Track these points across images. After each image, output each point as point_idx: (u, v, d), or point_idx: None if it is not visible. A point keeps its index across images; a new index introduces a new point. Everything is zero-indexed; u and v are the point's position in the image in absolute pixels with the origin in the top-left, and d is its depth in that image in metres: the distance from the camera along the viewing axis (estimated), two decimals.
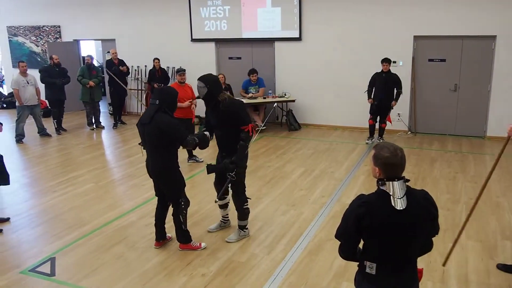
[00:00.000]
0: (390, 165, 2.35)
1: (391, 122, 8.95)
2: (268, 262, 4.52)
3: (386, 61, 8.55)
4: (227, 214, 5.28)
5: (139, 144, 4.75)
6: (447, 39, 9.18)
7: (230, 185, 4.79)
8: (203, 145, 4.64)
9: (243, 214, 4.94)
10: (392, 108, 8.76)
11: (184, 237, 4.76)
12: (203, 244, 4.84)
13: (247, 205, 4.96)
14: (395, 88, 8.60)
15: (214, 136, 4.88)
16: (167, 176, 4.53)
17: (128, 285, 4.17)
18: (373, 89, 8.76)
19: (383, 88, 8.60)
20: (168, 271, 4.38)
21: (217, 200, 4.85)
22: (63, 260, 4.65)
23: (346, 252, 2.55)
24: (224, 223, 5.30)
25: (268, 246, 4.85)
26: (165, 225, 4.90)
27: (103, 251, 4.80)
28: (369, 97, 8.83)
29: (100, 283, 4.21)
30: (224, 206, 5.19)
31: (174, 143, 4.44)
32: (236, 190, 4.82)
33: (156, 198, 4.86)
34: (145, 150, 4.65)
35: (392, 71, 8.63)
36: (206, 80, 4.57)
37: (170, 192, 4.62)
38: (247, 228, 5.07)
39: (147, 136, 4.43)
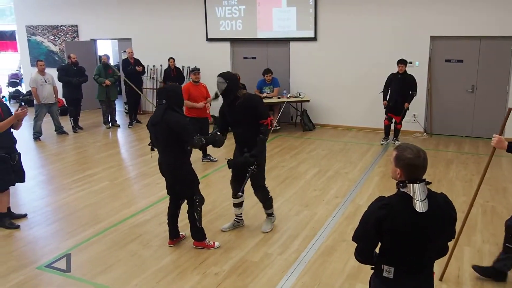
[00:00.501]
0: (412, 166, 2.32)
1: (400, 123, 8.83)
2: (281, 262, 4.51)
3: (402, 62, 8.47)
4: (241, 214, 5.30)
5: (149, 145, 4.81)
6: (465, 39, 9.06)
7: (249, 182, 4.88)
8: (215, 145, 4.68)
9: (269, 203, 5.14)
10: (408, 109, 8.66)
11: (198, 234, 4.78)
12: (217, 244, 4.85)
13: (270, 194, 5.12)
14: (410, 90, 8.51)
15: (225, 135, 4.93)
16: (180, 174, 4.56)
17: (142, 283, 4.20)
18: (389, 90, 8.69)
19: (399, 90, 8.52)
20: (181, 270, 4.41)
21: (240, 194, 4.90)
22: (78, 256, 4.70)
23: (364, 255, 2.50)
24: (238, 223, 5.31)
25: (281, 246, 4.85)
26: (178, 224, 4.93)
27: (117, 249, 4.84)
28: (384, 98, 8.76)
29: (114, 280, 4.25)
30: (239, 205, 5.20)
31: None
32: (258, 183, 4.91)
33: (169, 197, 4.89)
34: (154, 151, 4.72)
35: (408, 72, 8.55)
36: (226, 76, 4.71)
37: (184, 189, 4.65)
38: (273, 214, 5.28)
39: (159, 136, 4.47)
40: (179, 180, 4.61)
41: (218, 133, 4.86)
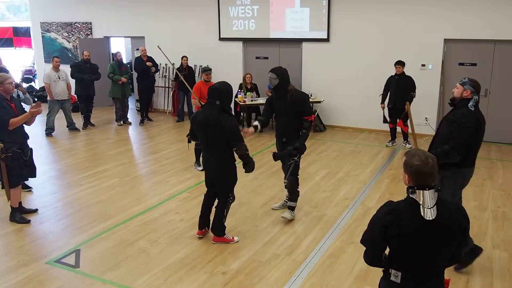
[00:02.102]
0: (420, 173, 2.30)
1: (402, 127, 8.73)
2: (289, 263, 4.51)
3: (399, 63, 8.43)
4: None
5: (187, 136, 5.12)
6: (479, 43, 8.97)
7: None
8: (247, 167, 4.73)
9: (295, 195, 5.35)
10: (406, 110, 8.56)
11: (220, 229, 4.89)
12: (236, 238, 4.95)
13: (299, 187, 5.38)
14: (409, 91, 8.39)
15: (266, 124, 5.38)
16: (227, 174, 4.73)
17: (150, 280, 4.22)
18: (388, 93, 8.65)
19: (396, 92, 8.46)
20: (189, 268, 4.42)
21: (285, 181, 5.36)
22: (88, 252, 4.74)
23: (371, 259, 2.51)
24: (286, 203, 5.57)
25: (289, 246, 4.84)
26: (210, 216, 5.05)
27: (126, 245, 4.87)
28: (382, 101, 8.72)
29: (122, 277, 4.27)
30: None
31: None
32: (293, 171, 5.21)
33: (206, 189, 5.00)
34: (190, 143, 5.10)
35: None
36: (278, 72, 5.11)
37: (224, 187, 4.80)
38: (294, 211, 5.46)
39: (211, 135, 4.52)
40: (222, 176, 4.74)
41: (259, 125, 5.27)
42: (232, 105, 5.22)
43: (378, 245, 2.41)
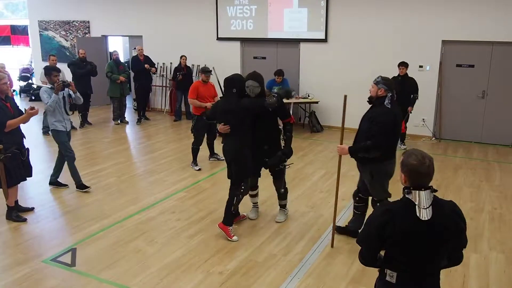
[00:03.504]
0: (416, 173, 2.31)
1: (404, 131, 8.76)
2: (286, 263, 4.51)
3: (402, 64, 8.42)
4: (257, 202, 5.69)
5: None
6: (477, 44, 8.99)
7: (270, 170, 5.24)
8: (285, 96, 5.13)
9: (285, 194, 5.41)
10: (410, 113, 8.59)
11: (228, 218, 4.97)
12: (235, 238, 4.97)
13: (286, 185, 5.41)
14: (411, 93, 8.41)
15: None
16: (241, 158, 4.85)
17: (146, 279, 4.21)
18: None
19: (399, 93, 8.40)
20: (186, 267, 4.42)
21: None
22: (84, 251, 4.73)
23: (366, 258, 2.52)
24: (257, 208, 5.70)
25: (286, 247, 4.85)
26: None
27: (122, 245, 4.87)
28: None
29: (118, 276, 4.27)
30: (255, 195, 5.58)
31: (254, 126, 4.84)
32: (280, 175, 5.24)
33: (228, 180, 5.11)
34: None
35: (414, 76, 8.48)
36: (259, 79, 4.95)
37: (238, 173, 4.90)
38: (287, 207, 5.56)
39: (232, 123, 4.81)
40: (237, 161, 4.86)
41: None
42: None
43: (373, 244, 2.42)
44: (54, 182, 6.55)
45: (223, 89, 5.01)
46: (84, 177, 6.98)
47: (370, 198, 4.88)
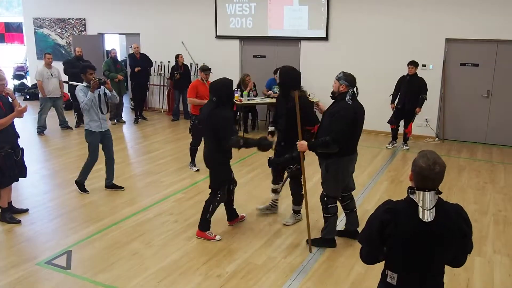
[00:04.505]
0: (422, 176, 2.31)
1: (410, 131, 8.76)
2: (285, 266, 4.51)
3: (412, 63, 8.43)
4: (277, 199, 5.73)
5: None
6: (481, 43, 9.00)
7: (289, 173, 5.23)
8: (260, 147, 4.81)
9: (299, 199, 5.36)
10: (417, 114, 8.60)
11: (203, 225, 5.02)
12: (217, 237, 5.02)
13: (302, 192, 5.23)
14: (420, 93, 8.43)
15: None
16: (216, 165, 4.92)
17: (143, 282, 4.21)
18: (398, 93, 8.65)
19: (407, 92, 8.47)
20: (183, 270, 4.42)
21: (278, 188, 5.51)
22: (79, 254, 4.73)
23: (367, 257, 2.52)
24: (272, 207, 5.73)
25: (285, 249, 4.85)
26: (234, 207, 5.34)
27: (119, 247, 4.87)
28: (392, 101, 8.73)
29: (115, 279, 4.26)
30: (277, 191, 5.63)
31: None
32: (296, 178, 5.22)
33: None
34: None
35: (419, 75, 8.50)
36: (280, 72, 5.18)
37: (214, 181, 4.97)
38: (300, 213, 5.49)
39: (205, 131, 4.89)
40: (213, 172, 4.96)
41: (269, 134, 5.25)
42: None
43: (374, 243, 2.42)
44: (110, 185, 6.54)
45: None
46: None
47: (352, 192, 5.00)
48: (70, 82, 6.67)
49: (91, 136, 6.11)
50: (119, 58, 12.43)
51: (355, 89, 4.51)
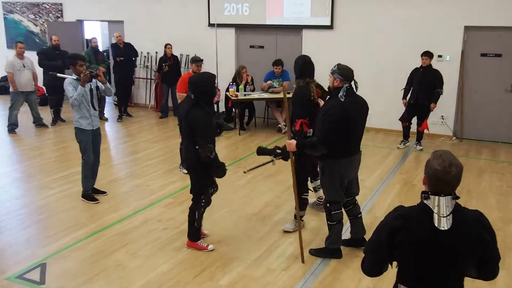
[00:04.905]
0: (437, 180, 2.30)
1: (427, 129, 8.78)
2: (286, 279, 4.53)
3: (426, 54, 8.45)
4: (321, 196, 5.66)
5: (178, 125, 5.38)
6: (504, 30, 9.02)
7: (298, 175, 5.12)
8: (216, 171, 4.88)
9: (301, 203, 5.23)
10: (431, 110, 8.61)
11: (193, 234, 5.03)
12: (210, 246, 5.02)
13: (306, 195, 5.40)
14: (435, 87, 8.45)
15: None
16: (196, 169, 4.88)
17: None
18: (411, 88, 8.66)
19: (420, 86, 8.49)
20: (173, 284, 4.43)
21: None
22: (56, 266, 4.72)
23: (370, 268, 2.51)
24: (317, 205, 5.99)
25: (286, 260, 4.86)
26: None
27: (101, 258, 4.87)
28: (404, 96, 8.75)
29: None
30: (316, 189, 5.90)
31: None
32: (297, 178, 5.06)
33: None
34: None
35: (434, 67, 8.51)
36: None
37: (195, 186, 4.96)
38: (302, 219, 5.48)
39: (183, 129, 4.91)
40: (193, 175, 4.95)
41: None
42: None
43: (381, 253, 2.42)
44: (93, 190, 6.49)
45: None
46: (56, 181, 7.00)
47: (356, 197, 5.03)
48: (58, 75, 6.62)
49: (82, 134, 6.08)
50: (100, 48, 12.44)
51: (353, 83, 4.50)
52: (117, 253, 4.98)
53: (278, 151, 5.04)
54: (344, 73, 4.46)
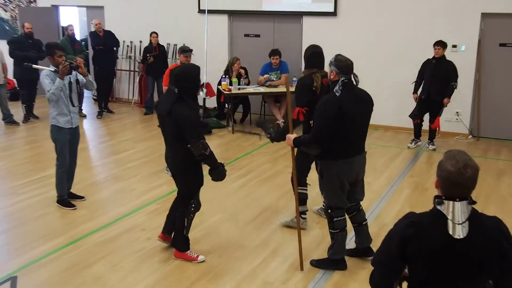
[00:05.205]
0: (450, 182, 2.30)
1: (439, 127, 8.80)
2: None
3: (439, 44, 8.45)
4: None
5: (158, 126, 5.27)
6: None
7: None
8: (213, 174, 4.89)
9: (300, 198, 5.31)
10: (445, 106, 8.60)
11: (181, 244, 5.01)
12: (200, 257, 5.01)
13: (303, 190, 5.56)
14: (448, 80, 8.45)
15: None
16: (184, 171, 4.89)
17: None
18: (423, 81, 8.66)
19: (433, 79, 8.49)
20: None
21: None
22: (27, 280, 4.69)
23: (380, 282, 2.50)
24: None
25: (285, 272, 4.85)
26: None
27: (78, 271, 4.84)
28: (415, 90, 8.75)
29: None
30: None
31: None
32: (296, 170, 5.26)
33: (168, 187, 5.32)
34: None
35: (447, 58, 8.51)
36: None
37: (183, 189, 4.98)
38: (305, 218, 5.65)
39: (166, 128, 4.84)
40: (181, 178, 4.95)
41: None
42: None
43: (393, 264, 2.42)
44: (68, 194, 6.43)
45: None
46: (28, 185, 6.97)
47: (361, 202, 5.04)
48: (34, 66, 6.58)
49: (59, 133, 6.03)
50: (78, 37, 12.40)
51: (352, 76, 4.51)
52: (96, 265, 4.94)
53: (272, 129, 5.19)
54: (340, 65, 4.46)
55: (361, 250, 5.06)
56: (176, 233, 5.02)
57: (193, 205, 4.97)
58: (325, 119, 4.38)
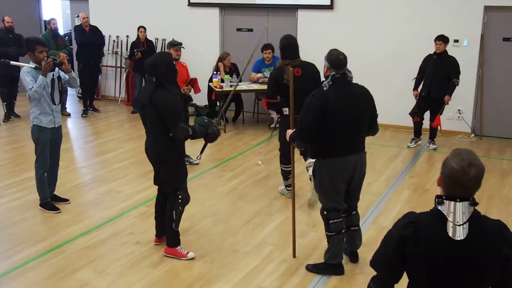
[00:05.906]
0: (452, 181, 2.31)
1: (440, 125, 8.84)
2: None
3: (440, 39, 8.47)
4: None
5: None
6: None
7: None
8: (207, 138, 5.13)
9: (282, 174, 6.56)
10: (447, 104, 8.63)
11: (171, 239, 5.11)
12: (190, 254, 5.09)
13: (285, 168, 6.40)
14: (450, 77, 8.48)
15: None
16: (168, 162, 5.00)
17: None
18: (423, 77, 8.69)
19: (433, 75, 8.52)
20: None
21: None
22: (9, 287, 4.68)
23: (380, 285, 2.54)
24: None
25: (280, 277, 4.86)
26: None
27: (63, 277, 4.84)
28: (415, 88, 8.78)
29: None
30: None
31: None
32: (281, 149, 6.26)
33: (156, 188, 5.35)
34: None
35: (449, 53, 8.54)
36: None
37: (168, 181, 5.08)
38: (289, 190, 6.00)
39: (148, 118, 4.97)
40: (165, 169, 5.06)
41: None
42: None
43: (392, 266, 2.44)
44: (51, 197, 6.39)
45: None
46: (9, 188, 6.96)
47: (357, 205, 5.06)
48: (12, 63, 6.55)
49: (41, 133, 6.00)
50: (61, 32, 12.36)
51: (347, 71, 4.59)
52: (82, 271, 4.94)
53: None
54: (331, 59, 4.56)
55: (348, 253, 5.11)
56: (167, 227, 5.11)
57: (180, 198, 5.03)
58: (308, 113, 4.45)
